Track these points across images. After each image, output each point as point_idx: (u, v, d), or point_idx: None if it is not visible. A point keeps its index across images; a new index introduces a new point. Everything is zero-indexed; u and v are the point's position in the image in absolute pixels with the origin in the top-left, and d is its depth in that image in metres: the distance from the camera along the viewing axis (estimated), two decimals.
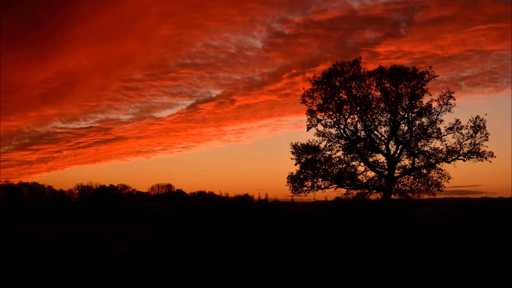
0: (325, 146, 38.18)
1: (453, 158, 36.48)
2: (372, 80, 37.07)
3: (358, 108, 37.37)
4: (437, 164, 37.14)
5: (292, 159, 38.55)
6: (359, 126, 38.03)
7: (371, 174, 38.77)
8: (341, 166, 38.25)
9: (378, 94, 37.37)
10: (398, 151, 37.64)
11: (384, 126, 37.93)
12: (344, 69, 36.82)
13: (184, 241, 33.99)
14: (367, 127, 37.73)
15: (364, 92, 37.26)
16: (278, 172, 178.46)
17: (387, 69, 36.72)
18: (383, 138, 38.10)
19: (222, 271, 18.07)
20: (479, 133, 35.53)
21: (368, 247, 27.57)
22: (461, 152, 36.18)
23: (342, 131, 38.01)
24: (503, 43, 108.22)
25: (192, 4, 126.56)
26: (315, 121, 37.92)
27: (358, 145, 37.89)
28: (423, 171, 37.65)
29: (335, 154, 38.46)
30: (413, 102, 36.81)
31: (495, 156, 35.55)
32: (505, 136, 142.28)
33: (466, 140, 35.99)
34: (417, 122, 37.26)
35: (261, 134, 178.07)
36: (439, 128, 36.74)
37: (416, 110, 37.03)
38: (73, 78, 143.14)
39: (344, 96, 37.40)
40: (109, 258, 21.89)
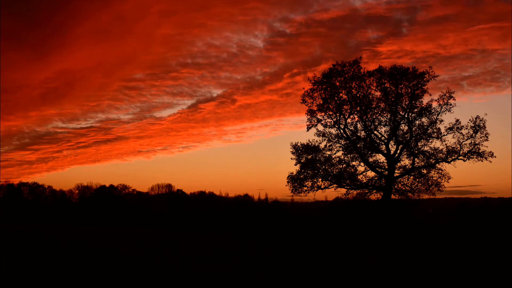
0: (325, 146, 38.22)
1: (453, 158, 36.50)
2: (372, 80, 37.09)
3: (358, 108, 37.39)
4: (437, 164, 37.16)
5: (292, 159, 38.60)
6: (359, 126, 38.08)
7: (371, 174, 38.83)
8: (341, 166, 38.27)
9: (378, 94, 37.42)
10: (398, 151, 37.67)
11: (384, 126, 37.98)
12: (344, 69, 36.84)
13: (184, 241, 33.99)
14: (367, 127, 37.74)
15: (364, 92, 37.28)
16: (278, 172, 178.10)
17: (387, 69, 36.76)
18: (383, 138, 38.12)
19: (222, 271, 18.07)
20: (479, 133, 35.56)
21: (368, 247, 27.57)
22: (461, 152, 36.20)
23: (342, 131, 38.05)
24: (506, 43, 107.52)
25: (193, 3, 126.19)
26: (315, 121, 37.95)
27: (358, 145, 37.90)
28: (423, 171, 37.67)
29: (335, 154, 38.50)
30: (413, 102, 36.84)
31: (495, 156, 35.60)
32: (505, 136, 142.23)
33: (466, 140, 36.02)
34: (417, 122, 37.31)
35: (261, 134, 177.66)
36: (439, 128, 36.80)
37: (416, 110, 37.05)
38: (73, 78, 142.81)
39: (344, 96, 37.43)
40: (109, 258, 21.89)
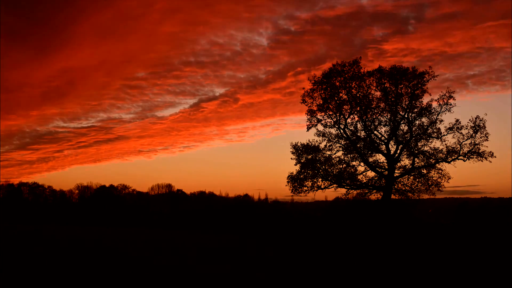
0: (325, 146, 38.25)
1: (453, 158, 36.52)
2: (372, 80, 37.12)
3: (358, 108, 37.40)
4: (437, 164, 37.19)
5: (292, 159, 38.63)
6: (359, 126, 38.11)
7: (371, 174, 38.86)
8: (341, 166, 38.29)
9: (378, 94, 37.45)
10: (398, 151, 37.68)
11: (384, 126, 38.02)
12: (344, 69, 36.86)
13: (184, 241, 33.98)
14: (367, 127, 37.75)
15: (364, 92, 37.29)
16: (279, 172, 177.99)
17: (387, 69, 36.82)
18: (383, 138, 38.14)
19: (222, 271, 18.07)
20: (479, 133, 35.59)
21: (368, 247, 27.58)
22: (461, 152, 36.22)
23: (342, 131, 38.07)
24: None
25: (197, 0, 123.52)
26: (315, 121, 37.98)
27: (358, 145, 37.91)
28: (423, 171, 37.69)
29: (335, 154, 38.54)
30: (413, 102, 36.86)
31: (495, 156, 35.62)
32: (505, 135, 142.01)
33: (466, 140, 36.05)
34: (417, 122, 37.35)
35: (263, 134, 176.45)
36: (439, 128, 36.84)
37: (416, 110, 37.08)
38: (75, 77, 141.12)
39: (344, 96, 37.45)
40: (109, 258, 21.89)
